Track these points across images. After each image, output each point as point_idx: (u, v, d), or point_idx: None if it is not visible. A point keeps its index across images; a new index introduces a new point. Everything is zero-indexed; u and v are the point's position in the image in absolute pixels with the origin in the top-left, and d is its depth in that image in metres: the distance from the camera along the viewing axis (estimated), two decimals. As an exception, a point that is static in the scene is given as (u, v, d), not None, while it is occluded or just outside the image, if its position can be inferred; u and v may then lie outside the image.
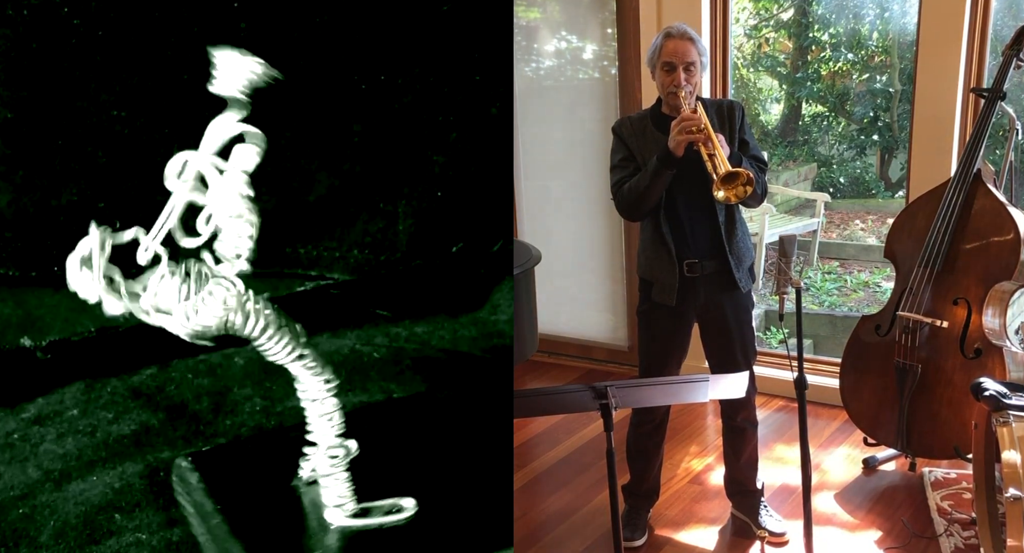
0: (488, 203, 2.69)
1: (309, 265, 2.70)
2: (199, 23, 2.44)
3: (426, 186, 2.65)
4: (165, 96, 2.49)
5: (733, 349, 2.82)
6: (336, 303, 2.67)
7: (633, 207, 2.71)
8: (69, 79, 2.47)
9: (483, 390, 2.32)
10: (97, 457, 2.20)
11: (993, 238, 3.01)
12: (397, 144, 2.60)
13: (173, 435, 2.25)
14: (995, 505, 2.54)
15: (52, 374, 2.43)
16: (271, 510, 1.90)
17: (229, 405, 2.37)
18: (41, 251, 2.58)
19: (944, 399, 3.09)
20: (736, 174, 2.45)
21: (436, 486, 1.94)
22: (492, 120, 2.62)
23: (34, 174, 2.53)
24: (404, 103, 2.56)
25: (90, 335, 2.48)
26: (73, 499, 2.07)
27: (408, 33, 2.51)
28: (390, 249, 2.67)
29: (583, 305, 4.76)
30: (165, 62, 2.47)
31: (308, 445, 1.88)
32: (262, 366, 2.37)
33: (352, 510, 1.85)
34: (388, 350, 2.56)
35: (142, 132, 2.52)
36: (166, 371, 2.47)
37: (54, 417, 2.32)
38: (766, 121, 8.14)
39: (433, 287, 2.72)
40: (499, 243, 2.71)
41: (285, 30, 2.48)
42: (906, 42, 6.72)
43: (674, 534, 3.04)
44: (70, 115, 2.49)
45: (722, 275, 2.75)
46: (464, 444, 2.08)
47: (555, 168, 4.66)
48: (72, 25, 2.41)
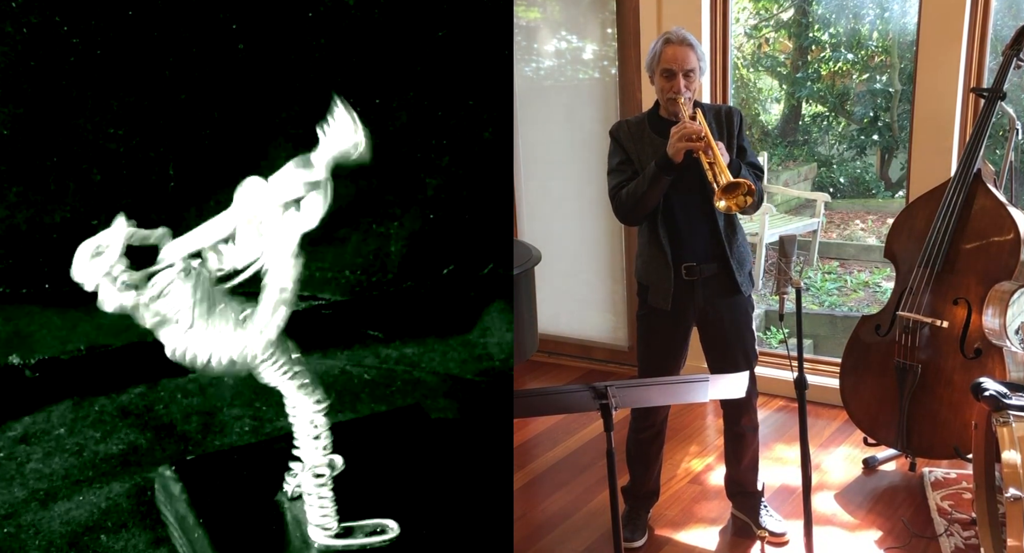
0: (480, 226, 2.70)
1: (301, 285, 2.70)
2: (197, 43, 2.44)
3: (418, 208, 2.65)
4: (162, 115, 2.49)
5: (734, 352, 2.82)
6: (327, 323, 2.67)
7: (631, 212, 2.71)
8: (66, 97, 2.46)
9: (475, 412, 2.31)
10: (84, 476, 2.18)
11: (993, 238, 3.01)
12: (390, 166, 2.60)
13: (161, 455, 2.24)
14: (995, 505, 2.54)
15: (40, 392, 2.41)
16: (254, 524, 1.89)
17: (218, 425, 2.35)
18: (32, 268, 2.56)
19: (944, 399, 3.09)
20: (737, 184, 2.45)
21: (429, 506, 1.92)
22: (486, 144, 2.62)
23: (28, 191, 2.52)
24: (398, 126, 2.57)
25: (79, 353, 2.46)
26: (59, 519, 2.06)
27: (403, 57, 2.51)
28: (382, 270, 2.67)
29: (583, 305, 4.76)
30: (163, 81, 2.47)
31: (294, 460, 1.87)
32: (252, 386, 2.35)
33: (335, 529, 1.84)
34: (378, 371, 2.56)
35: (138, 151, 2.51)
36: (155, 390, 2.45)
37: (41, 436, 2.30)
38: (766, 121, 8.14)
39: (424, 309, 2.72)
40: (489, 266, 2.71)
41: (282, 51, 2.48)
42: (906, 42, 6.72)
43: (674, 534, 3.04)
44: (66, 132, 2.49)
45: (723, 279, 2.75)
46: (459, 465, 2.06)
47: (555, 168, 4.66)
48: (71, 44, 2.41)
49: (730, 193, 2.46)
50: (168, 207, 2.53)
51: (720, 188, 2.45)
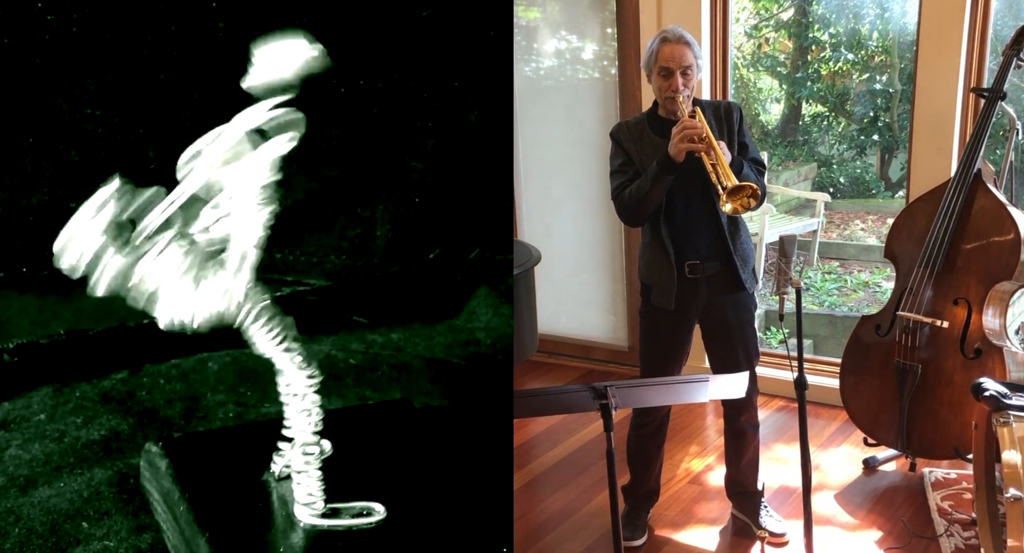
0: (467, 210, 2.68)
1: (286, 270, 2.67)
2: (176, 22, 2.40)
3: (404, 192, 2.63)
4: (141, 95, 2.44)
5: (735, 350, 2.82)
6: (312, 309, 2.64)
7: (634, 213, 2.70)
8: (42, 76, 2.41)
9: (463, 396, 2.29)
10: (65, 463, 2.16)
11: (993, 238, 3.01)
12: (375, 149, 2.57)
13: (144, 441, 2.19)
14: (995, 505, 2.54)
15: (19, 378, 2.37)
16: (239, 502, 1.88)
17: (201, 411, 2.33)
18: (10, 252, 2.51)
19: (944, 399, 3.09)
20: (742, 187, 2.44)
21: (417, 492, 1.91)
22: (472, 127, 2.60)
23: (4, 173, 2.46)
24: (383, 108, 2.54)
25: (59, 338, 2.43)
26: (40, 506, 2.03)
27: (388, 38, 2.48)
28: (367, 255, 2.65)
29: (583, 305, 4.75)
30: (141, 61, 2.42)
31: (283, 440, 1.86)
32: (236, 371, 2.34)
33: (321, 510, 1.84)
34: (364, 357, 2.54)
35: (116, 131, 2.47)
36: (137, 376, 2.42)
37: (21, 422, 2.28)
38: (766, 121, 8.14)
39: (409, 294, 2.70)
40: (476, 251, 2.70)
41: (263, 32, 2.46)
42: (906, 42, 6.72)
43: (674, 534, 3.04)
44: (42, 113, 2.43)
45: (727, 276, 2.74)
46: (448, 451, 2.05)
47: (555, 168, 4.66)
48: (45, 21, 2.36)
49: (735, 196, 2.45)
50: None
51: (725, 192, 2.44)
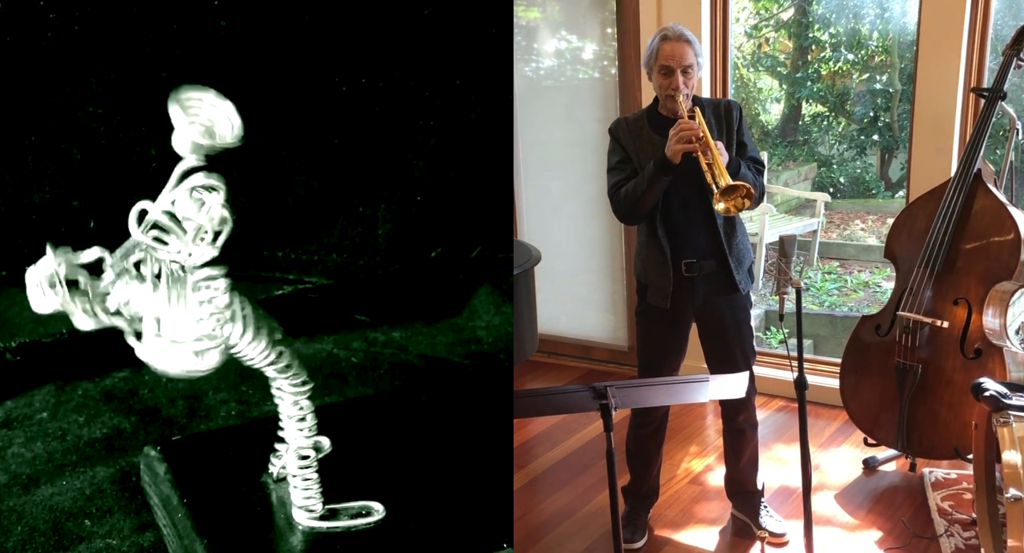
0: (469, 209, 2.67)
1: (287, 268, 2.66)
2: (178, 20, 2.40)
3: (405, 190, 2.63)
4: (143, 93, 2.44)
5: (732, 350, 2.81)
6: (314, 307, 2.64)
7: (630, 211, 2.70)
8: (44, 75, 2.40)
9: (464, 395, 2.29)
10: (67, 461, 2.16)
11: (993, 238, 3.01)
12: (377, 147, 2.57)
13: (146, 439, 2.21)
14: (995, 505, 2.54)
15: (21, 376, 2.37)
16: (238, 505, 1.88)
17: (204, 409, 2.33)
18: (12, 250, 2.50)
19: (944, 399, 3.09)
20: (736, 187, 2.43)
21: (417, 490, 1.91)
22: (474, 125, 2.60)
23: (6, 172, 2.46)
24: (384, 106, 2.54)
25: (61, 337, 2.42)
26: (42, 504, 2.03)
27: (389, 36, 2.48)
28: (369, 253, 2.64)
29: (583, 305, 4.75)
30: (143, 58, 2.41)
31: (279, 442, 1.86)
32: (238, 369, 2.33)
33: (319, 511, 1.84)
34: (365, 355, 2.54)
35: (119, 129, 2.46)
36: (139, 374, 2.41)
37: (23, 420, 2.28)
38: (766, 121, 8.14)
39: (411, 292, 2.69)
40: (478, 249, 2.69)
41: (266, 30, 2.45)
42: (906, 42, 6.72)
43: (674, 535, 3.04)
44: (44, 111, 2.43)
45: (722, 277, 2.74)
46: (449, 449, 2.04)
47: (555, 168, 4.66)
48: (48, 19, 2.36)
49: (729, 195, 2.44)
50: (150, 188, 2.50)
51: (719, 191, 2.44)
